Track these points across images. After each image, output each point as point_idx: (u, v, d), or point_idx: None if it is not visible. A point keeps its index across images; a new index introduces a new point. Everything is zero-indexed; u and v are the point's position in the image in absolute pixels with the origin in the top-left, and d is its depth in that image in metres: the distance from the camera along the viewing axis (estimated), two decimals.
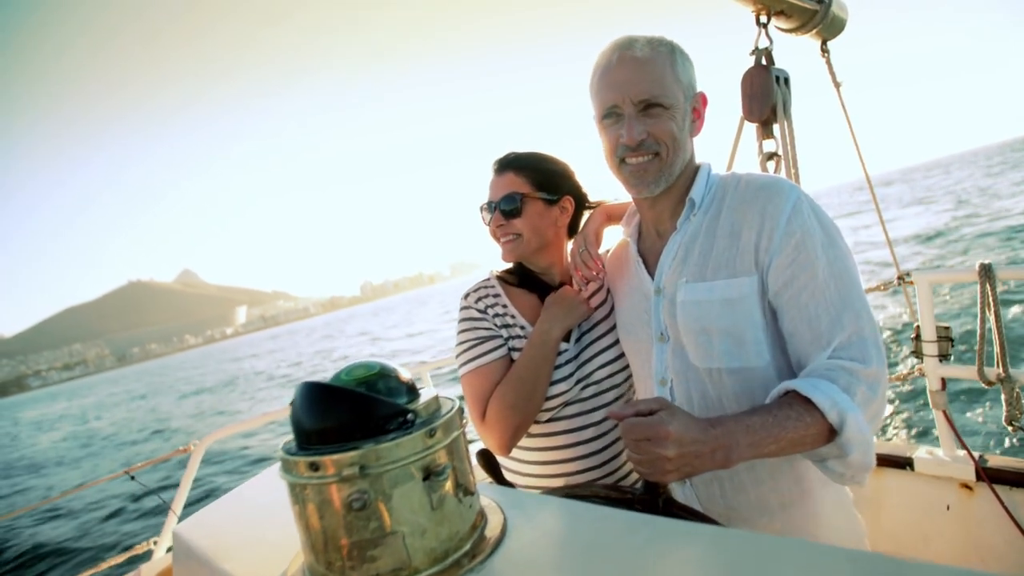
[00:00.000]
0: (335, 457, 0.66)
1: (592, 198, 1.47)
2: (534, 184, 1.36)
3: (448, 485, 0.72)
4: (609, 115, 1.10)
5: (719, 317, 1.04)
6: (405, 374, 0.81)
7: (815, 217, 1.01)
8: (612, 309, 1.39)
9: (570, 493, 1.02)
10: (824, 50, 2.44)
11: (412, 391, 0.78)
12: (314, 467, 0.67)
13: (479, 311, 1.40)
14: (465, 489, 0.76)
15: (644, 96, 1.05)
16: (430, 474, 0.69)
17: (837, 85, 2.47)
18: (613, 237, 1.44)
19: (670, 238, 1.16)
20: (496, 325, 1.39)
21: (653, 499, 0.88)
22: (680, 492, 1.15)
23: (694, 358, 1.09)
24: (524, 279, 1.45)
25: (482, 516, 0.80)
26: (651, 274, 1.19)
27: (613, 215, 1.41)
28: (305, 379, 0.74)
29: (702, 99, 1.15)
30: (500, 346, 1.36)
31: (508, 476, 1.42)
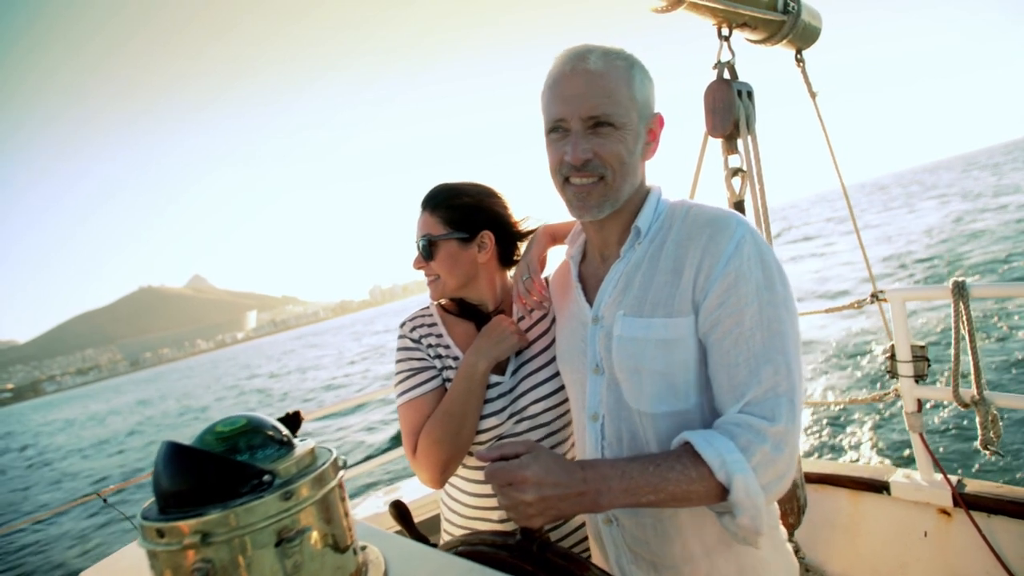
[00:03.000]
0: (179, 524, 0.64)
1: (528, 223, 1.42)
2: (447, 223, 1.32)
3: (310, 547, 0.70)
4: (556, 129, 1.03)
5: (653, 358, 0.99)
6: (282, 428, 0.79)
7: (757, 259, 0.94)
8: (554, 340, 1.36)
9: (464, 540, 1.02)
10: (799, 59, 2.38)
11: (285, 445, 0.76)
12: (160, 534, 0.65)
13: (413, 341, 1.38)
14: (336, 547, 0.74)
15: (594, 112, 0.98)
16: (282, 539, 0.67)
17: (813, 95, 2.41)
18: (560, 256, 1.39)
19: (612, 265, 1.09)
20: (429, 355, 1.36)
21: (529, 544, 0.87)
22: (608, 534, 1.11)
23: (627, 396, 1.04)
24: (463, 308, 1.42)
25: (360, 573, 0.78)
26: (590, 300, 1.14)
27: (558, 235, 1.36)
28: (167, 438, 0.72)
29: (659, 121, 1.07)
30: (433, 378, 1.33)
31: (452, 506, 1.40)
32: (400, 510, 1.06)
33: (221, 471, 0.67)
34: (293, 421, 2.58)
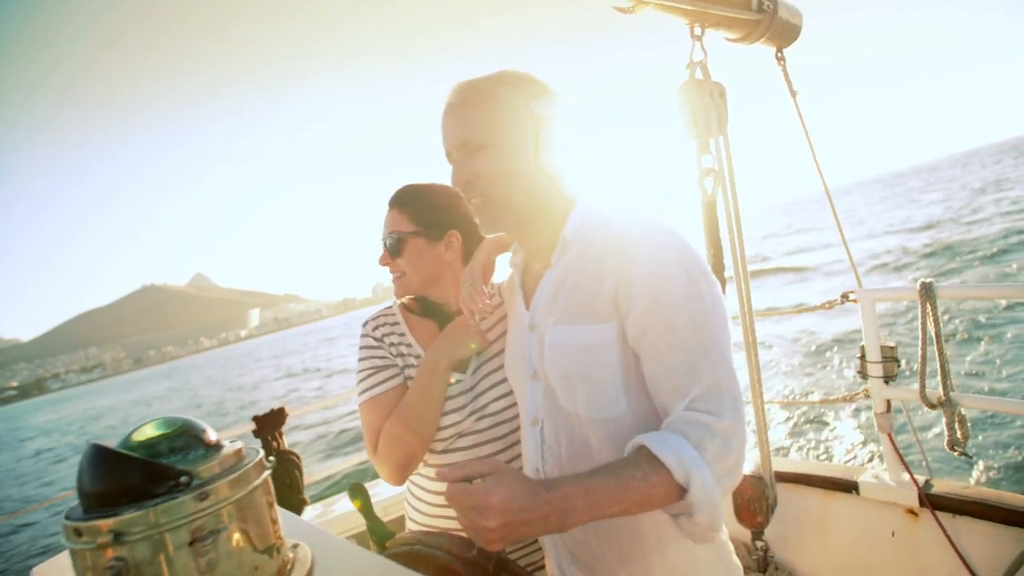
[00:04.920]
0: (96, 523, 0.66)
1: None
2: (416, 221, 1.35)
3: (227, 547, 0.72)
4: (449, 160, 1.12)
5: (578, 363, 1.02)
6: (211, 432, 0.81)
7: (679, 264, 0.97)
8: None
9: (421, 540, 1.03)
10: (779, 58, 2.37)
11: (211, 448, 0.78)
12: (78, 533, 0.68)
13: (375, 340, 1.40)
14: (255, 547, 0.76)
15: (459, 141, 1.06)
16: (196, 539, 0.69)
17: (793, 94, 2.39)
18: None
19: (546, 273, 1.13)
20: (392, 354, 1.38)
21: (485, 563, 0.87)
22: (549, 537, 1.12)
23: (562, 401, 1.06)
24: (426, 307, 1.44)
25: (283, 572, 0.80)
26: (529, 308, 1.17)
27: (504, 243, 1.38)
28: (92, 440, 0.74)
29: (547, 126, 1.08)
30: (394, 376, 1.35)
31: (415, 504, 1.42)
32: (357, 493, 1.08)
33: (138, 472, 0.70)
34: (276, 417, 2.59)
